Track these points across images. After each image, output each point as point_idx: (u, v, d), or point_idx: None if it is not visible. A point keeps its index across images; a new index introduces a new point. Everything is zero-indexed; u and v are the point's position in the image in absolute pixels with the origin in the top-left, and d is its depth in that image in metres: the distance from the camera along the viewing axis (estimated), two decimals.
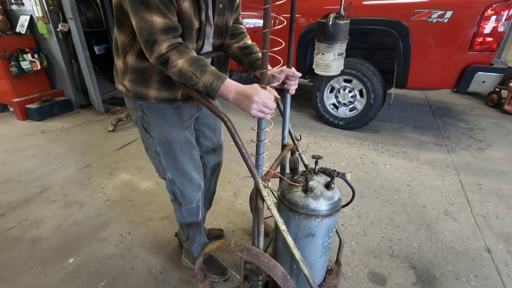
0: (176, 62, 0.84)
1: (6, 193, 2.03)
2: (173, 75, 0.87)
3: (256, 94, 0.82)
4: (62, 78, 3.53)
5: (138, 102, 1.04)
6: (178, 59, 0.84)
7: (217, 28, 1.05)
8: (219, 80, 0.86)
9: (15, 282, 1.37)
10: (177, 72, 0.85)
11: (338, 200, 0.99)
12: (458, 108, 3.75)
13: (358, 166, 2.35)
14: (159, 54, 0.84)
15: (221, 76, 0.87)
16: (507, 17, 2.23)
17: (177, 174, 1.15)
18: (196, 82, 0.85)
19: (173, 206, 1.28)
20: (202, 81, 0.85)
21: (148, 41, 0.83)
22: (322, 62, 0.92)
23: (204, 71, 0.85)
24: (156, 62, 0.86)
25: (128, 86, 1.02)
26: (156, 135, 1.08)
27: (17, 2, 3.22)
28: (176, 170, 1.14)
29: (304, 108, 3.63)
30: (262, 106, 0.83)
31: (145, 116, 1.06)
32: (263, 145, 0.92)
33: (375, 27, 2.60)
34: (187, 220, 1.27)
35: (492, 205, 1.90)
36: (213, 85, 0.86)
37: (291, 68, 1.00)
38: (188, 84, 0.87)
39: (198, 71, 0.85)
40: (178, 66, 0.84)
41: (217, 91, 0.86)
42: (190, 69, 0.84)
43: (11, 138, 2.87)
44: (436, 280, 1.39)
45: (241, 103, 0.86)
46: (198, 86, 0.86)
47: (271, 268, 0.89)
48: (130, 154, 2.56)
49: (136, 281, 1.38)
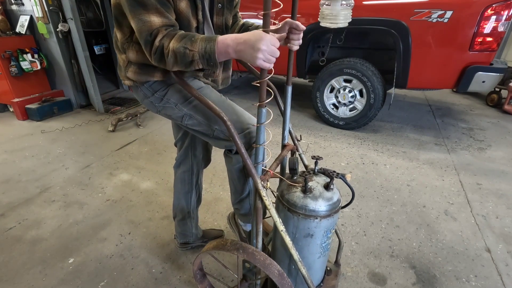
0: (168, 46, 0.81)
1: (6, 193, 2.03)
2: (171, 62, 0.83)
3: (262, 40, 0.73)
4: (62, 78, 3.53)
5: (146, 85, 1.04)
6: (169, 43, 0.81)
7: (217, 28, 1.05)
8: (211, 41, 0.79)
9: (15, 282, 1.38)
10: (173, 55, 0.81)
11: (337, 201, 0.99)
12: (458, 108, 3.75)
13: (358, 166, 2.35)
14: (155, 48, 0.82)
15: (211, 37, 0.80)
16: (507, 17, 2.22)
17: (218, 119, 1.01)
18: (191, 56, 0.80)
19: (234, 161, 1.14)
20: (196, 51, 0.80)
21: (147, 41, 0.83)
22: (329, 13, 0.88)
23: (194, 41, 0.80)
24: (154, 58, 0.85)
25: (132, 77, 1.01)
26: (180, 103, 1.04)
27: (17, 2, 3.23)
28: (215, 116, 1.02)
29: (304, 108, 3.63)
30: (268, 55, 0.75)
31: (157, 93, 1.04)
32: (262, 148, 0.92)
33: (375, 27, 2.60)
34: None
35: (492, 205, 1.90)
36: (207, 49, 0.79)
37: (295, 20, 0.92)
38: (187, 62, 0.82)
39: (188, 43, 0.80)
40: (170, 48, 0.81)
41: (214, 54, 0.80)
42: (181, 45, 0.80)
43: (11, 138, 2.88)
44: (436, 280, 1.39)
45: (245, 53, 0.77)
46: (195, 59, 0.81)
47: (267, 266, 0.89)
48: (130, 154, 2.56)
49: (136, 281, 1.38)
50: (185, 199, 1.40)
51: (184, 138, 1.31)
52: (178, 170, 1.37)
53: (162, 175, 2.23)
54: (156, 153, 2.59)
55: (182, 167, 1.36)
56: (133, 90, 1.10)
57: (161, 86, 1.05)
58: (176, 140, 1.36)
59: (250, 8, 3.15)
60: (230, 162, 1.19)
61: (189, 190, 1.39)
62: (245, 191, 1.23)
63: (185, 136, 1.30)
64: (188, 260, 1.49)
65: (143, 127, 3.14)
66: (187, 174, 1.36)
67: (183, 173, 1.36)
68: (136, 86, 1.05)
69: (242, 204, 1.28)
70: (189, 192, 1.39)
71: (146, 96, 1.06)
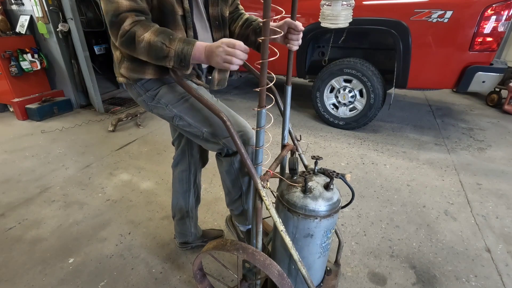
0: (143, 35, 0.83)
1: (6, 193, 2.03)
2: (142, 51, 0.85)
3: (218, 45, 0.80)
4: (62, 78, 3.53)
5: (138, 83, 1.04)
6: (145, 33, 0.83)
7: (214, 19, 1.05)
8: (190, 45, 0.84)
9: (15, 282, 1.38)
10: (146, 46, 0.83)
11: (337, 201, 0.99)
12: (458, 108, 3.75)
13: (358, 166, 2.35)
14: (124, 31, 0.83)
15: (190, 41, 0.85)
16: (507, 17, 2.22)
17: (212, 119, 1.05)
18: (167, 52, 0.83)
19: (226, 162, 1.15)
20: (172, 49, 0.83)
21: (112, 22, 0.83)
22: (329, 13, 0.89)
23: (172, 39, 0.83)
24: (121, 41, 0.85)
25: (125, 74, 1.01)
26: (170, 103, 1.04)
27: (17, 2, 3.23)
28: (208, 118, 1.06)
29: (304, 108, 3.63)
30: (226, 55, 0.80)
31: (149, 92, 1.05)
32: (261, 151, 0.92)
33: (375, 27, 2.60)
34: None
35: (492, 205, 1.90)
36: (184, 50, 0.83)
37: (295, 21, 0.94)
38: (159, 56, 0.85)
39: (166, 40, 0.83)
40: (145, 39, 0.83)
41: (190, 56, 0.84)
42: (158, 39, 0.83)
43: (11, 138, 2.88)
44: (436, 280, 1.39)
45: (212, 60, 0.83)
46: (169, 55, 0.84)
47: (267, 267, 0.89)
48: (130, 154, 2.56)
49: (136, 281, 1.38)
50: (183, 198, 1.40)
51: (181, 138, 1.31)
52: (176, 170, 1.38)
53: (162, 175, 2.23)
54: (156, 153, 2.59)
55: (180, 166, 1.36)
56: (127, 87, 1.10)
57: (153, 86, 1.05)
58: (173, 139, 1.36)
59: (250, 8, 3.15)
60: (221, 164, 1.21)
61: (187, 189, 1.39)
62: (237, 192, 1.24)
63: (182, 135, 1.30)
64: (188, 260, 1.49)
65: (143, 127, 3.14)
66: (184, 174, 1.36)
67: (181, 172, 1.36)
68: (130, 84, 1.06)
69: (235, 205, 1.29)
70: (187, 192, 1.39)
71: (139, 94, 1.07)
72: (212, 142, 1.12)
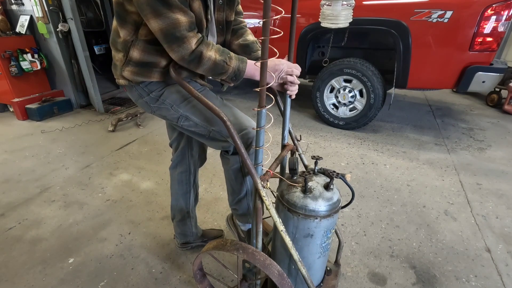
0: (209, 54, 0.88)
1: (6, 193, 2.03)
2: (205, 68, 0.90)
3: (280, 63, 0.93)
4: (62, 78, 3.53)
5: (141, 85, 1.04)
6: (209, 52, 0.88)
7: (218, 24, 1.05)
8: (244, 63, 0.93)
9: (15, 282, 1.38)
10: (211, 65, 0.89)
11: (337, 201, 0.99)
12: (458, 108, 3.75)
13: (358, 166, 2.35)
14: (190, 50, 0.86)
15: (243, 59, 0.94)
16: (507, 17, 2.22)
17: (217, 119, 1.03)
18: (227, 69, 0.90)
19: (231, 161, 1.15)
20: (231, 66, 0.91)
21: (176, 39, 0.84)
22: (329, 13, 0.90)
23: (230, 57, 0.91)
24: (188, 60, 0.88)
25: (129, 77, 1.01)
26: (176, 104, 1.05)
27: (17, 2, 3.23)
28: (215, 117, 1.03)
29: (304, 108, 3.63)
30: (288, 68, 0.93)
31: (153, 93, 1.05)
32: (261, 151, 0.92)
33: (375, 27, 2.60)
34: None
35: (492, 205, 1.90)
36: (240, 67, 0.92)
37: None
38: (219, 72, 0.92)
39: (227, 59, 0.90)
40: (211, 58, 0.88)
41: (244, 72, 0.94)
42: (221, 58, 0.89)
43: (11, 138, 2.88)
44: (436, 280, 1.39)
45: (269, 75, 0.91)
46: (228, 72, 0.91)
47: (267, 267, 0.89)
48: (130, 154, 2.56)
49: (136, 281, 1.38)
50: (183, 199, 1.40)
51: (180, 139, 1.31)
52: (175, 172, 1.37)
53: (162, 175, 2.23)
54: (156, 153, 2.59)
55: (179, 168, 1.35)
56: (127, 89, 1.09)
57: (157, 87, 1.04)
58: (171, 141, 1.35)
59: (250, 8, 3.15)
60: (227, 163, 1.19)
61: (187, 190, 1.39)
62: (243, 191, 1.23)
63: (181, 136, 1.30)
64: (188, 260, 1.49)
65: (143, 127, 3.14)
66: (184, 175, 1.36)
67: (181, 174, 1.36)
68: (131, 85, 1.05)
69: (240, 204, 1.28)
70: (188, 192, 1.39)
71: (141, 96, 1.06)
72: (218, 141, 1.11)
